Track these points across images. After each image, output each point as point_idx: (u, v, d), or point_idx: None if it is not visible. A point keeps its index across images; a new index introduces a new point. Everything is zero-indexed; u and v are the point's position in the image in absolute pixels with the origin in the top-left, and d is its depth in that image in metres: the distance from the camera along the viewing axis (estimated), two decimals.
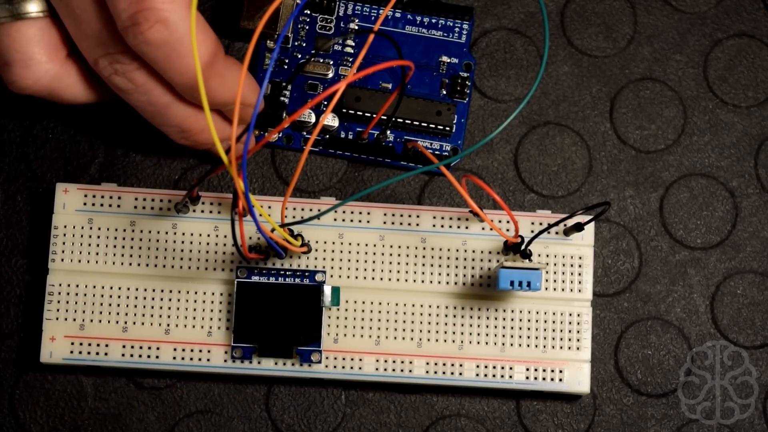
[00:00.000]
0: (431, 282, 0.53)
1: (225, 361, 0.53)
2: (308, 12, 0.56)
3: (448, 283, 0.53)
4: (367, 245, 0.54)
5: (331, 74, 0.56)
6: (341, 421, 0.55)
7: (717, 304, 0.56)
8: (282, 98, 0.55)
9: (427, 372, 0.53)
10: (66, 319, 0.53)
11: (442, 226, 0.54)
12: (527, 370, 0.53)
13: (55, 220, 0.53)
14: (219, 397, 0.55)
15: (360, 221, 0.54)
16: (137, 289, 0.53)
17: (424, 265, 0.54)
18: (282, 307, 0.53)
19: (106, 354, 0.53)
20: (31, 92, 0.51)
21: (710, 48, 0.57)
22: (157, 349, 0.53)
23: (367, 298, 0.53)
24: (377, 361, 0.53)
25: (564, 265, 0.54)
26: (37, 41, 0.50)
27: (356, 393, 0.55)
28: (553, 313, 0.53)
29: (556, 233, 0.54)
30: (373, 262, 0.53)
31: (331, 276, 0.53)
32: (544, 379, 0.53)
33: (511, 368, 0.53)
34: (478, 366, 0.53)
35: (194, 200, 0.53)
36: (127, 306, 0.53)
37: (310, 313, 0.53)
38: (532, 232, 0.53)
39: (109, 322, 0.53)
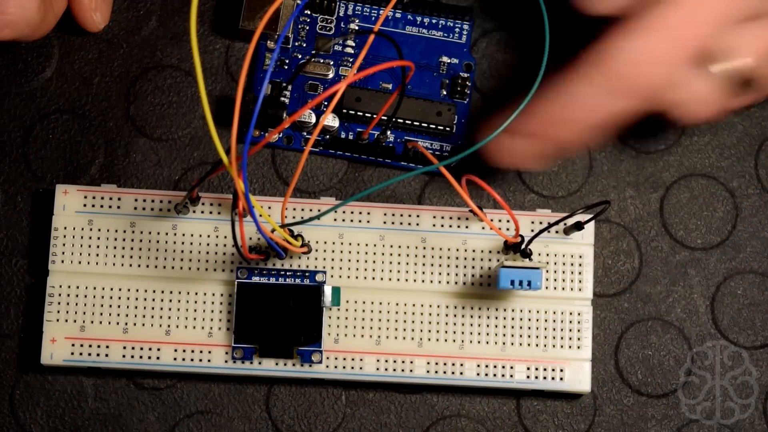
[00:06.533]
0: (431, 282, 0.53)
1: (225, 361, 0.53)
2: (308, 12, 0.56)
3: (448, 282, 0.54)
4: (367, 245, 0.54)
5: (331, 74, 0.56)
6: (341, 422, 0.55)
7: (717, 305, 0.56)
8: (282, 98, 0.55)
9: (427, 372, 0.53)
10: (66, 321, 0.53)
11: (442, 226, 0.54)
12: (528, 369, 0.53)
13: (55, 221, 0.53)
14: (219, 397, 0.55)
15: (360, 221, 0.54)
16: (137, 290, 0.53)
17: (424, 264, 0.54)
18: (282, 307, 0.53)
19: (106, 355, 0.53)
20: None
21: None
22: (158, 350, 0.53)
23: (367, 298, 0.53)
24: (378, 361, 0.53)
25: (564, 264, 0.54)
26: None
27: (356, 393, 0.55)
28: (554, 312, 0.54)
29: (556, 232, 0.54)
30: (374, 262, 0.53)
31: (332, 276, 0.53)
32: (545, 378, 0.53)
33: (511, 367, 0.53)
34: (478, 365, 0.53)
35: (194, 201, 0.53)
36: (128, 307, 0.53)
37: (310, 313, 0.53)
38: (532, 231, 0.53)
39: (109, 323, 0.53)
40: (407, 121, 0.55)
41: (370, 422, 0.55)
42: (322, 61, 0.56)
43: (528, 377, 0.53)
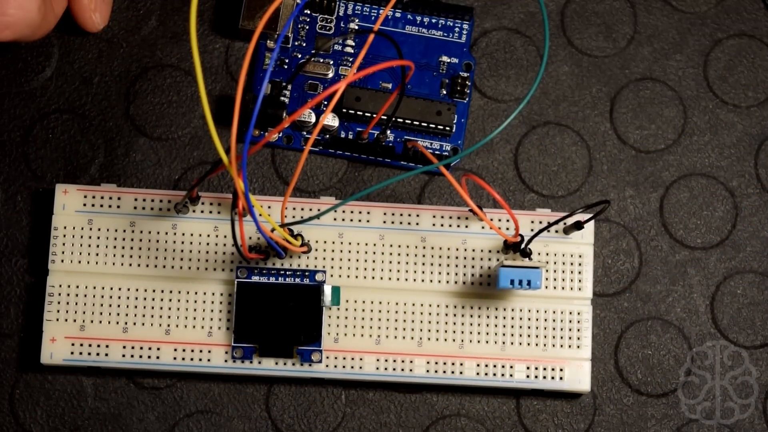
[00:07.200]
0: (431, 281, 0.53)
1: (225, 361, 0.53)
2: (308, 12, 0.56)
3: (448, 282, 0.54)
4: (367, 245, 0.54)
5: (331, 74, 0.56)
6: (341, 421, 0.55)
7: (717, 304, 0.56)
8: (282, 98, 0.55)
9: (427, 371, 0.53)
10: (66, 320, 0.53)
11: (442, 225, 0.54)
12: (528, 368, 0.53)
13: (55, 221, 0.53)
14: (219, 397, 0.55)
15: (360, 221, 0.54)
16: (137, 290, 0.53)
17: (424, 264, 0.54)
18: (282, 307, 0.53)
19: (106, 355, 0.53)
20: None
21: (710, 48, 0.57)
22: (158, 349, 0.53)
23: (367, 298, 0.53)
24: (378, 360, 0.53)
25: (564, 263, 0.54)
26: None
27: (356, 393, 0.55)
28: (554, 312, 0.54)
29: (556, 232, 0.54)
30: (373, 261, 0.53)
31: (331, 276, 0.53)
32: (544, 377, 0.53)
33: (511, 367, 0.53)
34: (478, 365, 0.53)
35: (194, 200, 0.53)
36: (128, 307, 0.53)
37: (310, 312, 0.53)
38: (532, 230, 0.53)
39: (109, 322, 0.53)
40: (407, 121, 0.55)
41: (370, 422, 0.55)
42: (321, 60, 0.56)
43: (528, 377, 0.53)
